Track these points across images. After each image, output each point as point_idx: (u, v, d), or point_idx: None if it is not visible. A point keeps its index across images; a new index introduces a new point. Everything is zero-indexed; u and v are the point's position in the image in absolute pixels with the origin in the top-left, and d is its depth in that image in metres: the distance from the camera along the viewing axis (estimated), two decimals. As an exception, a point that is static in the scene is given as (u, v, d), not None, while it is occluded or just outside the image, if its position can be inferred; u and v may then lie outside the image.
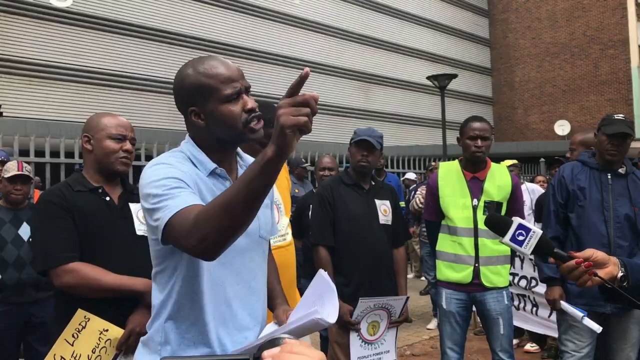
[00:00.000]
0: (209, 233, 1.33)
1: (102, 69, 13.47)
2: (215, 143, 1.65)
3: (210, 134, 1.63)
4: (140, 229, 2.33)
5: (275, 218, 1.94)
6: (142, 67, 14.22)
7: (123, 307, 2.21)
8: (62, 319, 2.17)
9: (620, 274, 1.59)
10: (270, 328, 1.73)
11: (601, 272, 1.56)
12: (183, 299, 1.59)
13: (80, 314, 2.13)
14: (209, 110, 1.59)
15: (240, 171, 1.73)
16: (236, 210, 1.32)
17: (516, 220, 1.62)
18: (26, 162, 4.25)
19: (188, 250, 1.41)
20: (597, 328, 2.92)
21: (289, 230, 2.82)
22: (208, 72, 1.58)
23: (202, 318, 1.58)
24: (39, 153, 6.30)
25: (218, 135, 1.62)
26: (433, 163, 7.62)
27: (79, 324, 2.13)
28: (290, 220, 2.90)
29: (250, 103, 1.61)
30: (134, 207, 2.38)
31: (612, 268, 1.59)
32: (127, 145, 2.36)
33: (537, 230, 1.60)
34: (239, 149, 1.77)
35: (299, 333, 1.59)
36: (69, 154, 6.43)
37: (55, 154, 6.39)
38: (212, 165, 1.62)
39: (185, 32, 15.12)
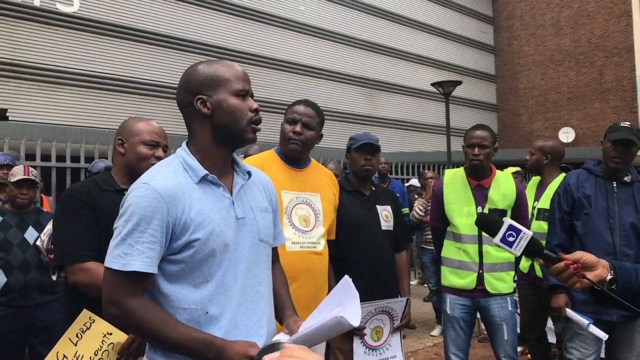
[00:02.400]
0: (126, 322, 1.54)
1: (109, 74, 13.52)
2: (212, 138, 1.66)
3: (211, 126, 1.65)
4: None
5: (279, 227, 1.94)
6: (148, 72, 14.27)
7: None
8: (71, 319, 2.18)
9: (609, 277, 1.59)
10: (281, 337, 1.71)
11: (590, 275, 1.57)
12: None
13: (85, 314, 2.14)
14: (217, 99, 1.64)
15: (237, 177, 1.74)
16: (159, 342, 1.54)
17: (507, 221, 1.63)
18: (32, 167, 4.27)
19: (102, 303, 1.57)
20: (603, 336, 2.91)
21: (323, 241, 2.82)
22: (223, 67, 1.68)
23: (210, 326, 1.59)
24: (45, 157, 6.33)
25: (220, 126, 1.65)
26: (426, 172, 7.61)
27: (84, 324, 2.13)
28: None
29: (256, 105, 1.68)
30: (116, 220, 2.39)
31: (601, 270, 1.59)
32: (160, 152, 2.40)
33: (527, 232, 1.61)
34: (234, 156, 1.77)
35: (319, 336, 1.60)
36: (75, 159, 6.46)
37: (61, 158, 6.42)
38: (203, 172, 1.63)
39: (192, 38, 15.17)
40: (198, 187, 1.62)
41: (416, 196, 7.27)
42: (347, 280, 1.66)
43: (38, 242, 3.65)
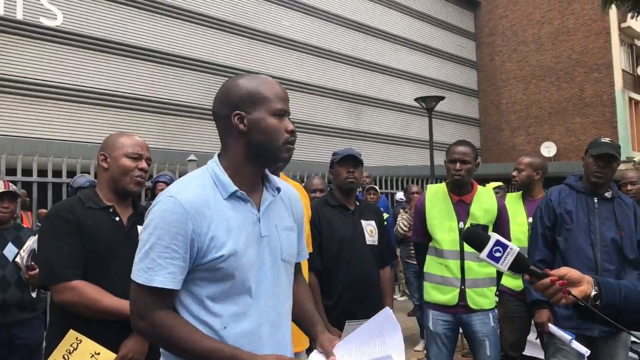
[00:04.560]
0: (154, 335, 1.55)
1: (92, 88, 13.45)
2: (245, 155, 1.65)
3: (246, 143, 1.63)
4: None
5: (303, 242, 1.91)
6: (131, 85, 14.22)
7: (118, 331, 2.18)
8: (58, 339, 2.15)
9: (593, 293, 1.59)
10: (316, 357, 1.68)
11: (575, 291, 1.57)
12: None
13: (72, 335, 2.11)
14: (255, 117, 1.62)
15: (266, 193, 1.72)
16: (187, 354, 1.53)
17: (494, 236, 1.62)
18: (13, 182, 4.22)
19: (130, 316, 1.60)
20: (585, 351, 2.93)
21: None
22: (265, 84, 1.66)
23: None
24: (27, 172, 6.25)
25: (256, 144, 1.63)
26: (412, 186, 7.63)
27: (70, 345, 2.10)
28: None
29: (293, 127, 1.66)
30: (141, 230, 2.38)
31: (585, 287, 1.59)
32: (143, 164, 2.39)
33: (513, 247, 1.61)
34: (266, 172, 1.76)
35: None
36: (57, 173, 6.38)
37: (43, 172, 6.34)
38: (233, 189, 1.61)
39: (175, 52, 15.16)
40: (227, 203, 1.60)
41: (401, 210, 7.28)
42: (388, 311, 1.65)
43: (17, 259, 3.59)
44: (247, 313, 1.58)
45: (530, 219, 4.13)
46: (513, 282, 4.05)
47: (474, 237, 1.70)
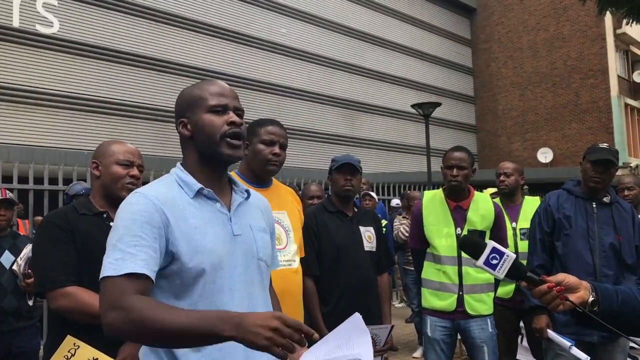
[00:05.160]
0: (130, 322, 1.37)
1: (88, 95, 13.45)
2: (200, 160, 1.65)
3: (195, 147, 1.65)
4: None
5: (275, 250, 1.90)
6: (128, 93, 14.23)
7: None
8: (56, 346, 2.14)
9: (591, 299, 1.59)
10: None
11: (572, 297, 1.57)
12: None
13: (69, 340, 2.10)
14: (195, 119, 1.64)
15: (235, 196, 1.71)
16: (168, 332, 1.35)
17: (490, 244, 1.62)
18: (9, 189, 4.20)
19: (101, 317, 1.43)
20: (585, 357, 2.91)
21: (297, 258, 2.79)
22: (201, 86, 1.68)
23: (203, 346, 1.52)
24: (23, 179, 6.24)
25: (199, 145, 1.64)
26: (413, 192, 7.64)
27: (68, 351, 2.09)
28: None
29: (234, 118, 1.64)
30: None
31: (583, 292, 1.59)
32: (134, 171, 2.40)
33: (510, 254, 1.60)
34: (231, 175, 1.76)
35: None
36: (53, 181, 6.37)
37: (39, 180, 6.33)
38: (198, 186, 1.61)
39: (171, 59, 15.18)
40: (193, 202, 1.59)
41: (398, 216, 7.28)
42: (357, 317, 1.62)
43: (15, 267, 3.57)
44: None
45: (514, 224, 4.16)
46: (500, 290, 4.06)
47: (470, 244, 1.69)
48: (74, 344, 2.09)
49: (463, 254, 3.37)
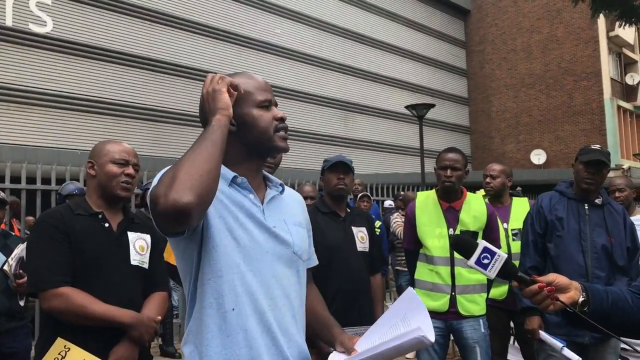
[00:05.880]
0: (176, 177, 1.35)
1: (81, 94, 13.40)
2: (241, 153, 1.63)
3: (239, 141, 1.61)
4: (135, 258, 2.33)
5: (312, 247, 1.89)
6: (121, 92, 14.18)
7: (108, 337, 2.17)
8: (47, 347, 2.14)
9: (581, 299, 1.60)
10: (339, 357, 1.64)
11: (563, 297, 1.57)
12: (211, 321, 1.51)
13: (60, 343, 2.09)
14: (241, 113, 1.60)
15: (269, 191, 1.69)
16: (196, 152, 1.42)
17: (482, 243, 1.62)
18: (1, 189, 4.18)
19: (167, 206, 1.33)
20: (576, 358, 2.92)
21: None
22: (245, 80, 1.64)
23: (235, 348, 1.50)
24: (15, 179, 6.21)
25: (248, 140, 1.62)
26: (402, 193, 7.67)
27: (59, 354, 2.08)
28: None
29: (281, 113, 1.65)
30: (132, 236, 2.38)
31: (573, 293, 1.60)
32: (130, 170, 2.38)
33: (501, 254, 1.61)
34: (265, 172, 1.75)
35: (389, 356, 1.54)
36: (46, 181, 6.34)
37: (31, 180, 6.30)
38: (232, 174, 1.59)
39: (166, 59, 15.15)
40: (229, 190, 1.58)
41: (395, 213, 7.31)
42: (411, 292, 1.62)
43: (5, 267, 3.55)
44: (261, 311, 1.54)
45: (506, 224, 4.18)
46: (492, 292, 4.07)
47: (462, 244, 1.70)
48: (65, 346, 2.08)
49: (455, 255, 3.37)
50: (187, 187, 1.32)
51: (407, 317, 1.56)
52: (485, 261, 1.61)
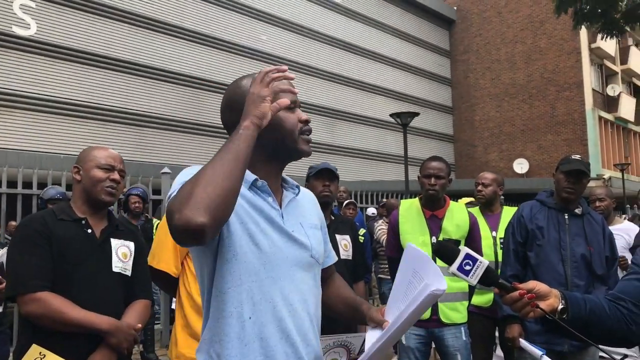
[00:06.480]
0: (194, 192, 1.29)
1: (65, 99, 13.29)
2: (263, 155, 1.60)
3: (261, 143, 1.52)
4: (117, 265, 2.31)
5: (329, 244, 1.86)
6: (105, 97, 14.08)
7: (86, 344, 2.16)
8: (25, 352, 2.10)
9: (560, 306, 1.61)
10: (374, 334, 1.65)
11: (543, 304, 1.59)
12: (228, 328, 1.49)
13: (35, 349, 2.06)
14: None
15: (286, 193, 1.68)
16: (217, 166, 1.33)
17: (464, 250, 1.63)
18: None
19: (180, 224, 1.27)
20: (555, 366, 2.95)
21: None
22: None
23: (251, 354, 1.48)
24: (-5, 183, 6.13)
25: (271, 141, 1.58)
26: (384, 200, 7.71)
27: None
28: None
29: (306, 116, 1.64)
30: (115, 243, 2.36)
31: (553, 300, 1.61)
32: (115, 175, 2.37)
33: (483, 261, 1.62)
34: (284, 175, 1.72)
35: (414, 317, 1.56)
36: (27, 185, 6.28)
37: (12, 184, 6.23)
38: (252, 177, 1.56)
39: (149, 64, 15.09)
40: (249, 193, 1.54)
41: (379, 220, 7.33)
42: (411, 246, 1.62)
43: (-16, 272, 3.50)
44: (281, 317, 1.52)
45: (495, 233, 4.21)
46: (479, 299, 4.09)
47: (444, 250, 1.71)
48: (40, 352, 2.05)
49: (438, 262, 3.39)
50: (202, 207, 1.26)
51: (417, 272, 1.58)
52: (467, 267, 1.62)
